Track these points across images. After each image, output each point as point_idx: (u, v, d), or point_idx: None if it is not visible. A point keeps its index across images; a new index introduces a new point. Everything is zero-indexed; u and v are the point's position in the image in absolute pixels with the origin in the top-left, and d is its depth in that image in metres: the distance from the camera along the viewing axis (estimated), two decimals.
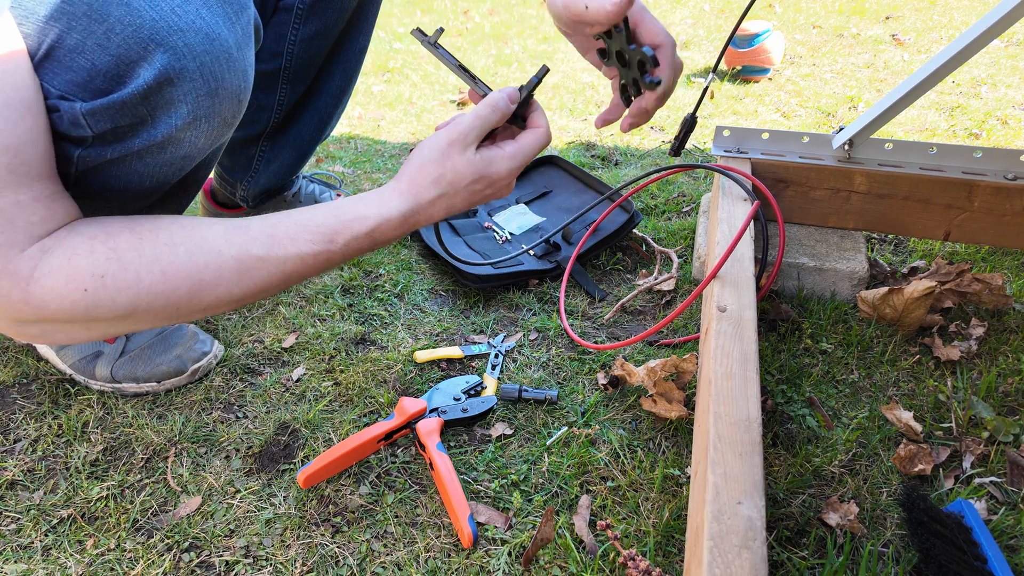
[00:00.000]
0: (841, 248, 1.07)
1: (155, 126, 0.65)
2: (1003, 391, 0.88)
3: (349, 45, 1.07)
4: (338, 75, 1.09)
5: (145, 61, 0.60)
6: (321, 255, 0.65)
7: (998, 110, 1.79)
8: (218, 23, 0.63)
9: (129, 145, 0.65)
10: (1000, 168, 1.02)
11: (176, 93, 0.63)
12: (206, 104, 0.65)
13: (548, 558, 0.70)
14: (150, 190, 0.74)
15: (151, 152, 0.67)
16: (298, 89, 1.05)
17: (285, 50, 1.00)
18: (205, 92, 0.64)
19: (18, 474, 0.81)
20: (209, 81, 0.64)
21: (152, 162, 0.69)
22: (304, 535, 0.73)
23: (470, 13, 3.22)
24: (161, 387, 0.92)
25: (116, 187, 0.71)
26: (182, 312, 0.61)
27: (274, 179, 1.16)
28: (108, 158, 0.66)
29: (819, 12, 2.90)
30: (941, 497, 0.75)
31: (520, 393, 0.90)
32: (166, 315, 0.61)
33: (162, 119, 0.64)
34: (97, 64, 0.59)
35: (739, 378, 0.67)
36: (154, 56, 0.60)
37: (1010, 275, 1.09)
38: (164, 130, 0.65)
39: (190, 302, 0.60)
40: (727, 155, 1.10)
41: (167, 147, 0.68)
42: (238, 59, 0.66)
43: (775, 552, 0.69)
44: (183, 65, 0.61)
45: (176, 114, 0.64)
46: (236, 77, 0.67)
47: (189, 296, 0.60)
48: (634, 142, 1.74)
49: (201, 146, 0.71)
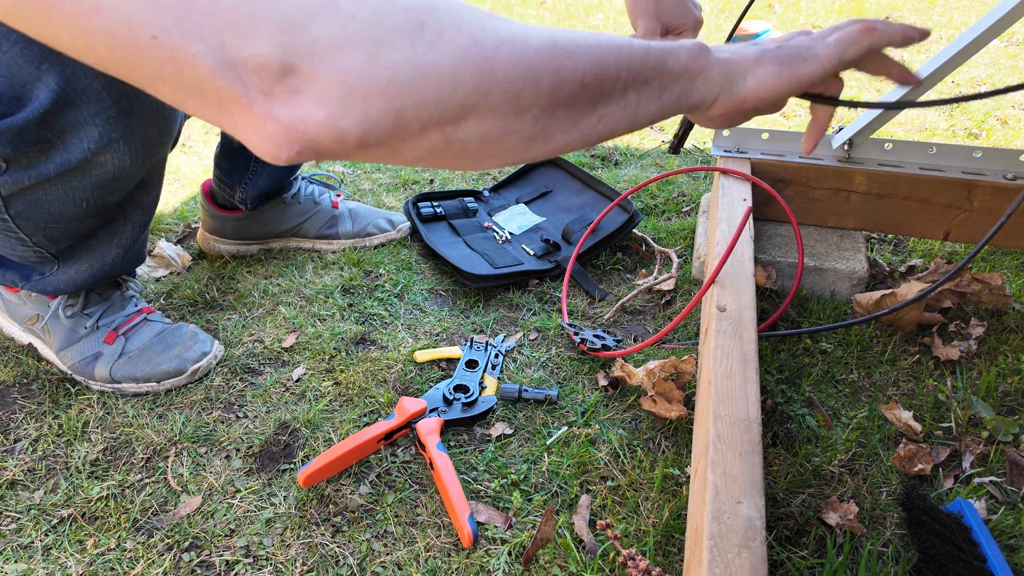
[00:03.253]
0: (841, 248, 1.07)
1: (67, 150, 0.61)
2: (1003, 391, 0.88)
3: None
4: None
5: (39, 81, 0.55)
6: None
7: (997, 110, 1.79)
8: None
9: (44, 170, 0.62)
10: (1000, 168, 1.02)
11: (80, 115, 0.58)
12: (120, 125, 0.61)
13: (548, 558, 0.70)
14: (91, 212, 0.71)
15: (74, 176, 0.64)
16: None
17: None
18: (116, 113, 0.60)
19: (18, 474, 0.81)
20: (120, 101, 0.60)
21: (79, 186, 0.66)
22: (304, 535, 0.73)
23: None
24: (161, 387, 0.92)
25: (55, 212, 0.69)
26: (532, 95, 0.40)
27: (272, 180, 1.15)
28: (28, 184, 0.63)
29: (819, 12, 2.90)
30: (941, 497, 0.75)
31: (520, 393, 0.90)
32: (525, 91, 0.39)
33: (73, 143, 0.61)
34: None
35: (739, 378, 0.67)
36: (47, 75, 0.55)
37: (1009, 275, 1.09)
38: (77, 154, 0.61)
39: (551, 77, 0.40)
40: (727, 155, 1.11)
41: (89, 171, 0.64)
42: None
43: (775, 552, 0.69)
44: (82, 85, 0.57)
45: (87, 137, 0.60)
46: None
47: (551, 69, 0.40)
48: (634, 142, 1.74)
49: (130, 167, 0.67)
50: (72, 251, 0.86)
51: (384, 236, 1.27)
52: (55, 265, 0.87)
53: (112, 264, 0.90)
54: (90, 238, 0.85)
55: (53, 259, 0.86)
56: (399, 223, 1.29)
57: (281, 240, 1.26)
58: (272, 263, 1.22)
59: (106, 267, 0.90)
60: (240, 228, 1.21)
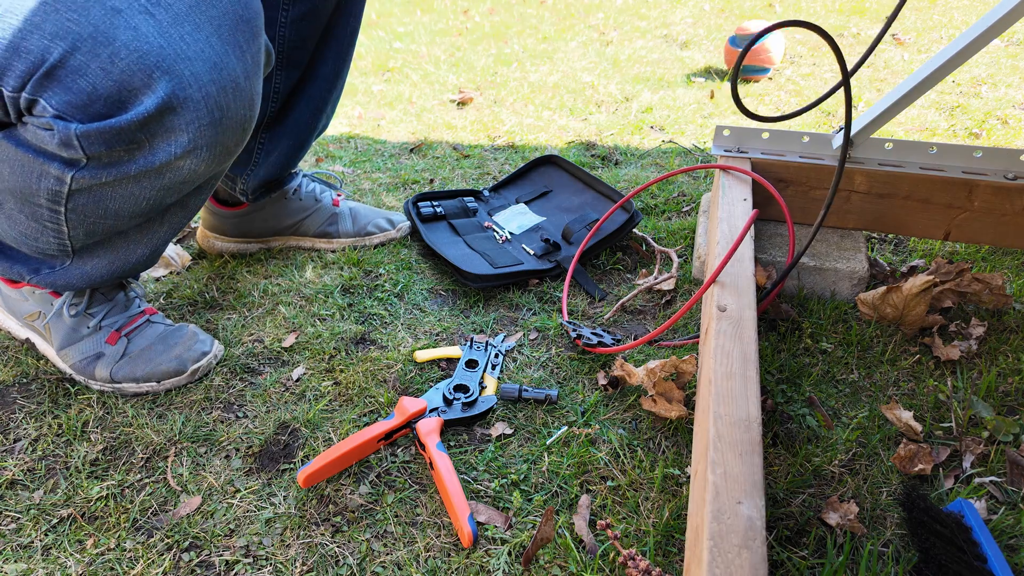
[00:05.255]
0: (841, 248, 1.07)
1: (153, 153, 0.63)
2: (1003, 391, 0.88)
3: (340, 28, 1.06)
4: (331, 59, 1.08)
5: (149, 88, 0.58)
6: None
7: (998, 110, 1.79)
8: (227, 52, 0.61)
9: (125, 169, 0.64)
10: (1000, 168, 1.02)
11: (177, 122, 0.61)
12: (208, 134, 0.64)
13: (548, 558, 0.70)
14: (145, 211, 0.73)
15: (148, 177, 0.66)
16: (292, 75, 1.05)
17: (277, 33, 0.99)
18: (208, 122, 0.63)
19: (18, 473, 0.81)
20: (213, 111, 0.63)
21: (149, 186, 0.68)
22: (304, 535, 0.73)
23: (470, 12, 3.22)
24: (161, 387, 0.92)
25: (111, 209, 0.70)
26: None
27: (273, 170, 1.15)
28: (103, 180, 0.65)
29: (819, 12, 2.90)
30: (941, 497, 0.75)
31: (520, 393, 0.90)
32: None
33: (160, 146, 0.63)
34: (98, 88, 0.58)
35: (739, 378, 0.67)
36: (158, 84, 0.58)
37: (1010, 275, 1.09)
38: (162, 157, 0.64)
39: None
40: (727, 155, 1.10)
41: (165, 173, 0.66)
42: (245, 88, 0.65)
43: (775, 552, 0.69)
44: (187, 94, 0.60)
45: (176, 142, 0.63)
46: (242, 107, 0.65)
47: None
48: (634, 142, 1.74)
49: (201, 173, 0.69)
50: (92, 247, 0.84)
51: (384, 236, 1.27)
52: (68, 260, 0.85)
53: (135, 263, 0.89)
54: (121, 235, 0.84)
55: (70, 253, 0.84)
56: (399, 223, 1.29)
57: (281, 238, 1.25)
58: (272, 263, 1.22)
59: (128, 265, 0.88)
60: (241, 225, 1.21)
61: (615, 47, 2.57)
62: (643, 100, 2.01)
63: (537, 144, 1.76)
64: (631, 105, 1.98)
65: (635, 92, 2.08)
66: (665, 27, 2.81)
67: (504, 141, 1.79)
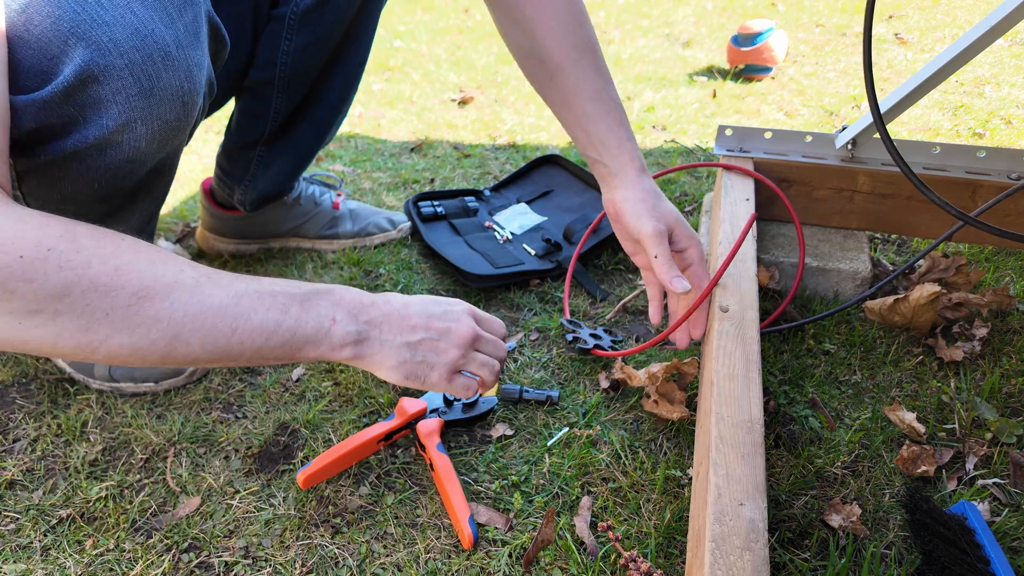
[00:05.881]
0: (844, 248, 1.07)
1: (86, 127, 0.62)
2: (1007, 392, 0.88)
3: (347, 57, 1.06)
4: (337, 86, 1.08)
5: (66, 56, 0.56)
6: (275, 334, 0.58)
7: (1002, 109, 1.78)
8: (152, 19, 0.59)
9: (61, 146, 0.63)
10: (1004, 168, 1.01)
11: (103, 92, 0.59)
12: (139, 105, 0.62)
13: (549, 559, 0.70)
14: (102, 195, 0.72)
15: (88, 155, 0.64)
16: (294, 98, 1.04)
17: (279, 60, 0.98)
18: (137, 92, 0.61)
19: (17, 474, 0.80)
20: (141, 81, 0.60)
21: (93, 165, 0.66)
22: (304, 536, 0.73)
23: (471, 11, 3.22)
24: (160, 387, 0.92)
25: (66, 192, 0.69)
26: (118, 318, 0.51)
27: (272, 185, 1.15)
28: (43, 159, 0.64)
29: (822, 11, 2.89)
30: (944, 499, 0.75)
31: (521, 393, 0.89)
32: (98, 315, 0.50)
33: (93, 119, 0.61)
34: (21, 60, 0.56)
35: (741, 379, 0.67)
36: (74, 51, 0.56)
37: (1014, 276, 1.09)
38: (95, 132, 0.62)
39: (129, 309, 0.51)
40: (730, 154, 1.10)
41: (105, 149, 0.65)
42: (178, 57, 0.62)
43: (777, 554, 0.69)
44: (108, 61, 0.58)
45: (107, 114, 0.61)
46: (175, 77, 0.63)
47: (130, 301, 0.51)
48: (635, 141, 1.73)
49: (145, 150, 0.67)
50: None
51: (384, 236, 1.27)
52: None
53: None
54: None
55: None
56: (399, 223, 1.29)
57: (281, 240, 1.25)
58: (272, 263, 1.22)
59: None
60: (240, 227, 1.21)
61: (617, 46, 2.57)
62: (645, 99, 2.01)
63: (538, 143, 1.76)
64: (633, 104, 1.97)
65: (637, 91, 2.08)
66: (667, 26, 2.81)
67: (505, 140, 1.78)
